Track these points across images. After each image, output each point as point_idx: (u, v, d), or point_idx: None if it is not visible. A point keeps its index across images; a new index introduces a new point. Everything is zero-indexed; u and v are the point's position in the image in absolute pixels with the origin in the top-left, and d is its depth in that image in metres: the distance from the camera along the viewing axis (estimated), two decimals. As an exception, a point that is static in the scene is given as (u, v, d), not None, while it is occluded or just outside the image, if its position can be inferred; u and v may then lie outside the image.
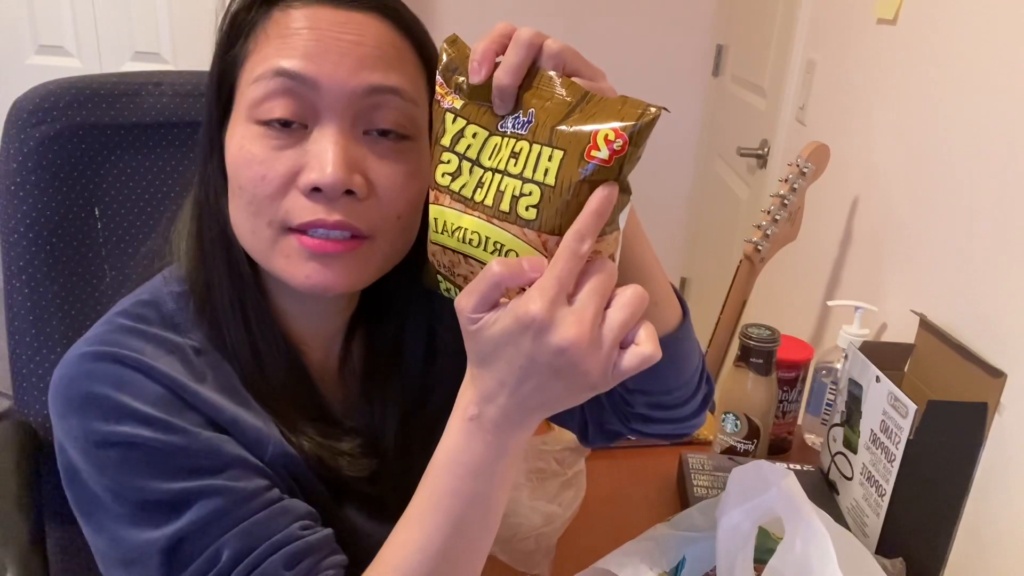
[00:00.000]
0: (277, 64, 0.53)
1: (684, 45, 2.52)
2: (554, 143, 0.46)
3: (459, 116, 0.49)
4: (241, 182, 0.54)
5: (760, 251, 1.22)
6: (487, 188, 0.48)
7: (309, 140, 0.54)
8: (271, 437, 0.58)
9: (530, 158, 0.47)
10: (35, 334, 0.82)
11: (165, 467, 0.52)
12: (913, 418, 0.75)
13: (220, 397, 0.56)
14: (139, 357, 0.54)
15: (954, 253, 0.91)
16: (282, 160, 0.53)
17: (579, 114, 0.47)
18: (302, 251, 0.54)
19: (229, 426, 0.56)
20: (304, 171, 0.53)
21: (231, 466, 0.54)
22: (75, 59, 2.03)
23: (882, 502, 0.79)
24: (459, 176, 0.49)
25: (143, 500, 0.52)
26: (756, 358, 0.93)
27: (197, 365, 0.57)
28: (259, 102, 0.53)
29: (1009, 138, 0.82)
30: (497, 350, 0.46)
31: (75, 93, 0.83)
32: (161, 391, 0.54)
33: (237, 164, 0.54)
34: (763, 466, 0.68)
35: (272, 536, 0.53)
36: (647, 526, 0.77)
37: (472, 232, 0.48)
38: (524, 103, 0.48)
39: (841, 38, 1.39)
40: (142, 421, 0.52)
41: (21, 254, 0.82)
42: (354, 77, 0.53)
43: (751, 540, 0.63)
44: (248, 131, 0.54)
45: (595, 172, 0.45)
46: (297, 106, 0.53)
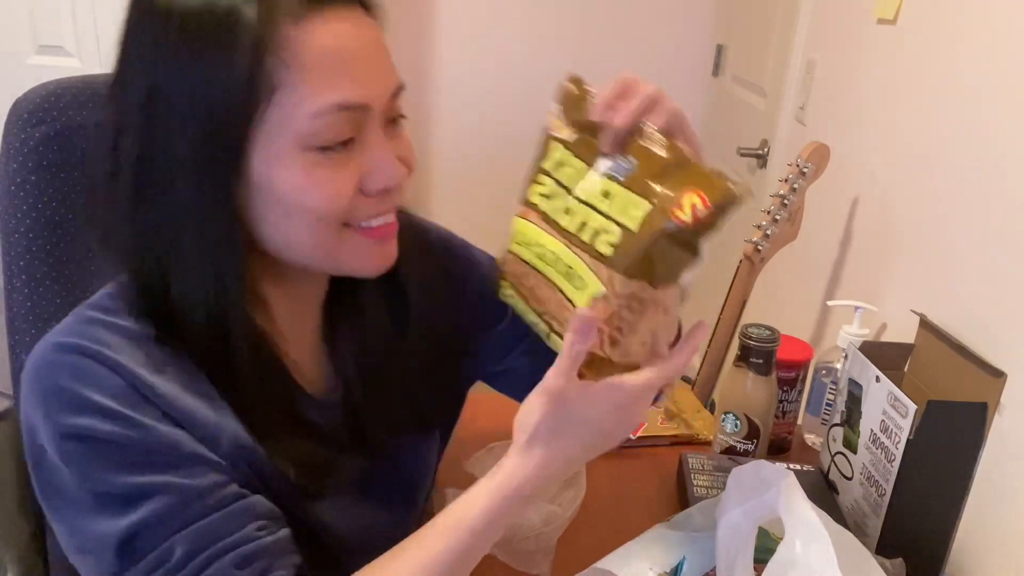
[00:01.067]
0: (334, 100, 0.54)
1: (684, 45, 2.52)
2: (646, 195, 0.51)
3: (565, 147, 0.54)
4: (310, 204, 0.56)
5: (760, 251, 1.22)
6: (573, 216, 0.53)
7: (363, 147, 0.57)
8: (226, 430, 0.58)
9: (620, 202, 0.52)
10: (35, 334, 0.82)
11: (122, 461, 0.54)
12: (913, 418, 0.75)
13: (177, 389, 0.57)
14: (101, 349, 0.55)
15: (954, 253, 0.91)
16: (348, 175, 0.57)
17: (675, 175, 0.51)
18: (369, 243, 0.60)
19: (183, 420, 0.56)
20: (370, 177, 0.58)
21: (186, 462, 0.55)
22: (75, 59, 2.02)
23: (882, 502, 0.79)
24: (550, 199, 0.54)
25: (101, 492, 0.53)
26: (756, 358, 0.93)
27: (158, 355, 0.57)
28: (320, 134, 0.55)
29: (1009, 138, 0.82)
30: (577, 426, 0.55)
31: (75, 93, 0.83)
32: (121, 384, 0.55)
33: (303, 190, 0.55)
34: (763, 466, 0.68)
35: (226, 537, 0.55)
36: (647, 526, 0.77)
37: (550, 251, 0.54)
38: (626, 150, 0.53)
39: (841, 38, 1.39)
40: (102, 414, 0.53)
41: (21, 254, 0.82)
42: (386, 88, 0.58)
43: (751, 540, 0.63)
44: (307, 159, 0.55)
45: (675, 231, 0.50)
46: (353, 127, 0.56)
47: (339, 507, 0.67)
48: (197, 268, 0.57)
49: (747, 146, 1.84)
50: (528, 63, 2.53)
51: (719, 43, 2.44)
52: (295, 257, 0.60)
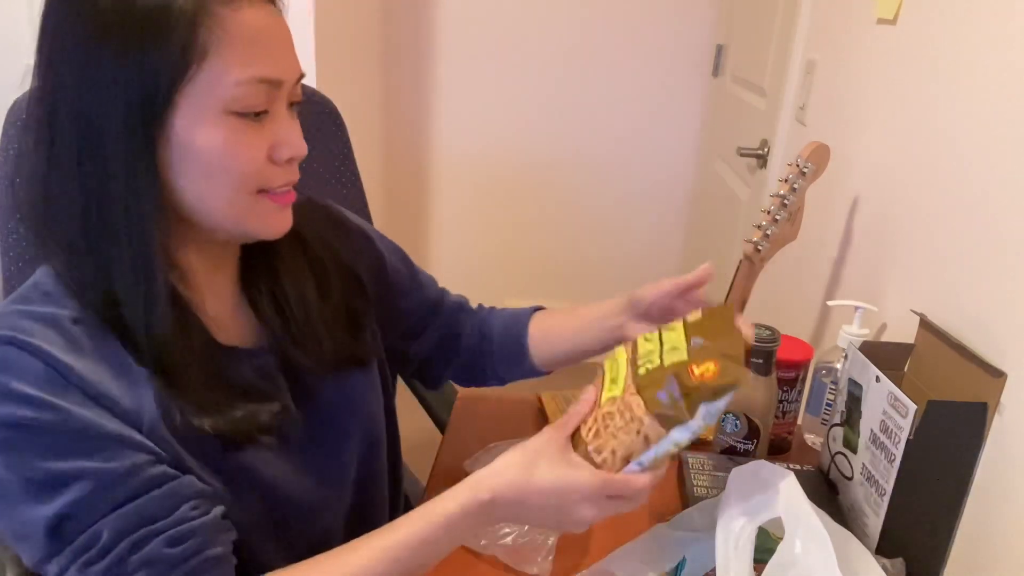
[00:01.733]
0: (259, 73, 0.62)
1: (684, 45, 2.52)
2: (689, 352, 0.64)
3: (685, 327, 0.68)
4: (228, 165, 0.62)
5: (760, 251, 1.22)
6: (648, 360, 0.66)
7: (273, 121, 0.64)
8: (147, 407, 0.60)
9: (674, 347, 0.65)
10: (35, 334, 0.82)
11: (46, 446, 0.55)
12: (913, 418, 0.75)
13: (98, 369, 0.59)
14: (19, 336, 0.57)
15: (954, 253, 0.91)
16: (260, 142, 0.64)
17: (715, 347, 0.63)
18: (275, 207, 0.67)
19: (104, 401, 0.58)
20: (280, 147, 0.65)
21: (108, 446, 0.57)
22: (75, 59, 2.03)
23: (882, 502, 0.79)
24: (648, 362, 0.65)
25: (28, 478, 0.55)
26: (756, 358, 0.93)
27: (74, 335, 0.60)
28: (241, 100, 0.61)
29: (1009, 138, 0.82)
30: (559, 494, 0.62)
31: (75, 93, 0.82)
32: (41, 368, 0.57)
33: (223, 151, 0.62)
34: (763, 466, 0.68)
35: (156, 519, 0.57)
36: (647, 526, 0.77)
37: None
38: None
39: (841, 38, 1.39)
40: (24, 401, 0.55)
41: (21, 254, 0.82)
42: (294, 72, 0.66)
43: (751, 540, 0.63)
44: (228, 123, 0.61)
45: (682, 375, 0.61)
46: (268, 99, 0.64)
47: (280, 460, 0.69)
48: (123, 226, 0.60)
49: (747, 146, 1.84)
50: (528, 64, 2.53)
51: (719, 43, 2.44)
52: (207, 219, 0.65)
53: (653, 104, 2.58)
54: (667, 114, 2.60)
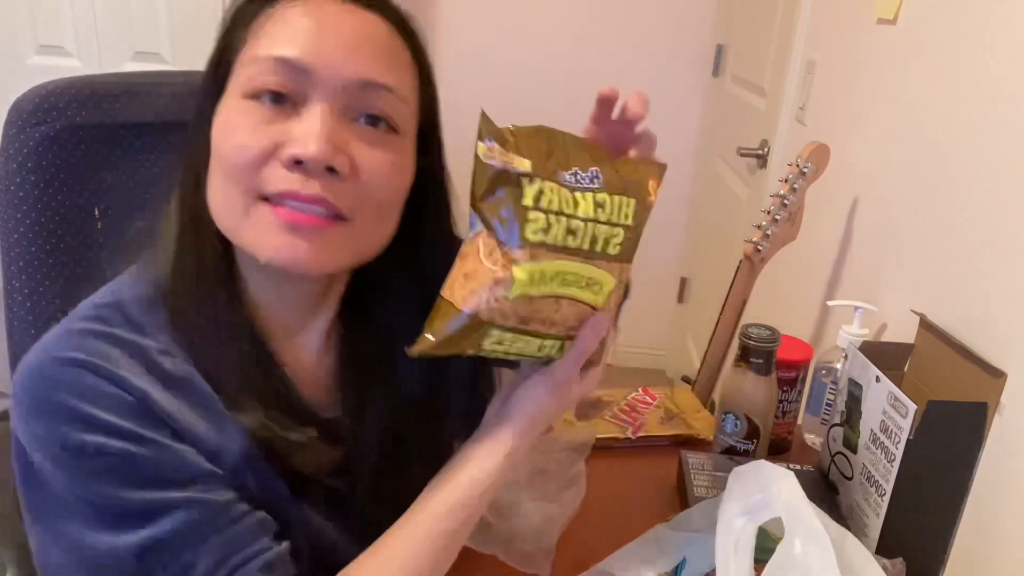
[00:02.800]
0: (275, 51, 0.54)
1: (684, 45, 2.52)
2: (625, 192, 0.58)
3: (532, 177, 0.54)
4: (222, 151, 0.55)
5: (760, 251, 1.22)
6: (580, 235, 0.56)
7: (297, 118, 0.55)
8: (228, 444, 0.57)
9: (615, 206, 0.58)
10: (35, 334, 0.82)
11: (137, 477, 0.53)
12: (913, 418, 0.75)
13: (181, 404, 0.56)
14: (104, 364, 0.53)
15: (954, 253, 0.91)
16: (267, 132, 0.54)
17: (624, 170, 0.59)
18: (274, 222, 0.54)
19: (187, 435, 0.55)
20: (287, 144, 0.54)
21: (201, 478, 0.55)
22: (75, 59, 2.02)
23: (882, 502, 0.79)
24: (549, 230, 0.55)
25: (114, 507, 0.52)
26: (756, 358, 0.93)
27: (161, 368, 0.56)
28: (252, 79, 0.55)
29: (1009, 138, 0.82)
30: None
31: (75, 93, 0.83)
32: (128, 400, 0.53)
33: (221, 134, 0.56)
34: (763, 466, 0.68)
35: (246, 547, 0.55)
36: (647, 526, 0.77)
37: (571, 273, 0.56)
38: (574, 161, 0.57)
39: (841, 38, 1.39)
40: (111, 432, 0.52)
41: (21, 254, 0.82)
42: (349, 65, 0.55)
43: (751, 540, 0.63)
44: (237, 104, 0.55)
45: (649, 209, 0.60)
46: (290, 85, 0.55)
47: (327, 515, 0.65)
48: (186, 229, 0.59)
49: (747, 146, 1.84)
50: (529, 63, 2.53)
51: (719, 43, 2.44)
52: (220, 225, 0.58)
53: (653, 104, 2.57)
54: (667, 114, 2.60)
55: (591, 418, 1.07)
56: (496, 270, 0.54)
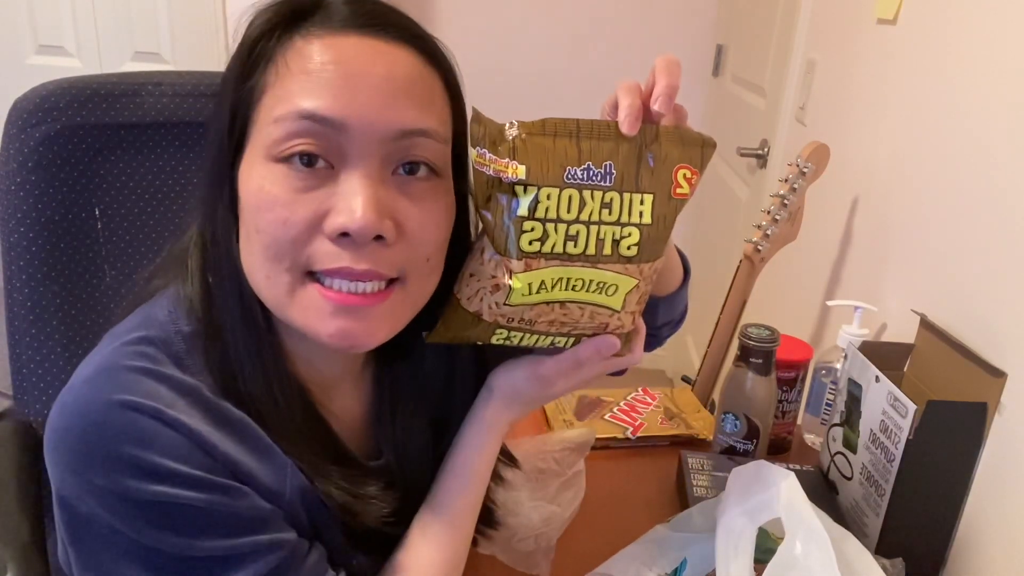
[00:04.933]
0: (300, 105, 0.49)
1: (684, 45, 2.52)
2: (641, 189, 0.53)
3: (527, 185, 0.51)
4: (260, 225, 0.50)
5: (760, 251, 1.22)
6: (582, 240, 0.53)
7: (336, 182, 0.50)
8: (287, 483, 0.55)
9: (623, 206, 0.53)
10: (35, 334, 0.82)
11: (209, 525, 0.50)
12: (913, 418, 0.75)
13: (235, 445, 0.53)
14: (158, 407, 0.49)
15: (954, 253, 0.91)
16: (306, 202, 0.49)
17: (648, 156, 0.53)
18: (325, 306, 0.51)
19: (245, 478, 0.53)
20: (332, 215, 0.49)
21: (272, 519, 0.54)
22: (75, 59, 2.03)
23: (882, 502, 0.79)
24: (546, 239, 0.52)
25: (189, 556, 0.50)
26: (756, 358, 0.93)
27: (213, 409, 0.53)
28: (280, 142, 0.50)
29: (1009, 138, 0.82)
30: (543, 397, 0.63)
31: (75, 93, 0.83)
32: (186, 444, 0.50)
33: (255, 207, 0.50)
34: (763, 466, 0.68)
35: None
36: (647, 526, 0.77)
37: (576, 279, 0.54)
38: (587, 156, 0.52)
39: (841, 38, 1.39)
40: (176, 481, 0.49)
41: (21, 254, 0.82)
42: (384, 117, 0.50)
43: (751, 540, 0.63)
44: (268, 171, 0.50)
45: (682, 204, 0.55)
46: (323, 145, 0.50)
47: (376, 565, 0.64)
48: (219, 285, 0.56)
49: (747, 146, 1.84)
50: (529, 63, 2.53)
51: (719, 43, 2.44)
52: (262, 298, 0.54)
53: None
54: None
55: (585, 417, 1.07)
56: (496, 276, 0.53)
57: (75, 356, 0.84)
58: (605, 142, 0.53)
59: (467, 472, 0.64)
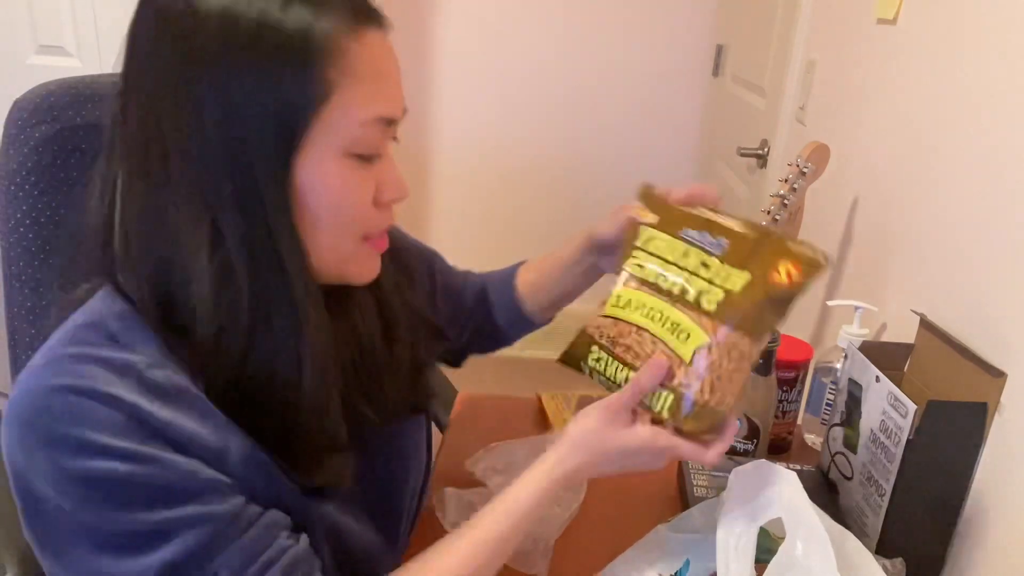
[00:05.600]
0: (386, 112, 0.59)
1: (684, 45, 2.52)
2: (744, 266, 0.63)
3: (651, 227, 0.69)
4: (339, 210, 0.59)
5: (760, 251, 1.22)
6: (671, 277, 0.65)
7: (378, 161, 0.61)
8: (232, 447, 0.57)
9: (720, 272, 0.64)
10: (35, 334, 0.82)
11: (144, 498, 0.52)
12: (913, 418, 0.75)
13: (177, 413, 0.55)
14: (93, 386, 0.52)
15: (954, 253, 0.91)
16: (369, 184, 0.61)
17: (764, 250, 0.63)
18: (373, 254, 0.64)
19: (187, 445, 0.55)
20: (386, 191, 0.62)
21: (207, 490, 0.54)
22: (75, 59, 2.03)
23: (882, 502, 0.79)
24: (644, 266, 0.67)
25: (126, 531, 0.52)
26: (756, 358, 0.93)
27: (153, 381, 0.55)
28: (361, 141, 0.58)
29: (1009, 138, 0.82)
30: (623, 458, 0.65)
31: (75, 93, 0.83)
32: (122, 419, 0.53)
33: (339, 195, 0.58)
34: (763, 466, 0.68)
35: (263, 552, 0.55)
36: (647, 526, 0.77)
37: (656, 310, 0.64)
38: (711, 231, 0.66)
39: (841, 38, 1.39)
40: (112, 455, 0.52)
41: (21, 254, 0.82)
42: (403, 107, 0.62)
43: (752, 540, 0.63)
44: (344, 165, 0.58)
45: (774, 291, 0.62)
46: (384, 139, 0.61)
47: (342, 510, 0.66)
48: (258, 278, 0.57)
49: (747, 146, 1.84)
50: (528, 63, 2.53)
51: (719, 43, 2.44)
52: (319, 266, 0.60)
53: (653, 104, 2.59)
54: (667, 114, 2.60)
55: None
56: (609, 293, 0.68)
57: (75, 356, 0.84)
58: (726, 229, 0.66)
59: (508, 502, 0.65)
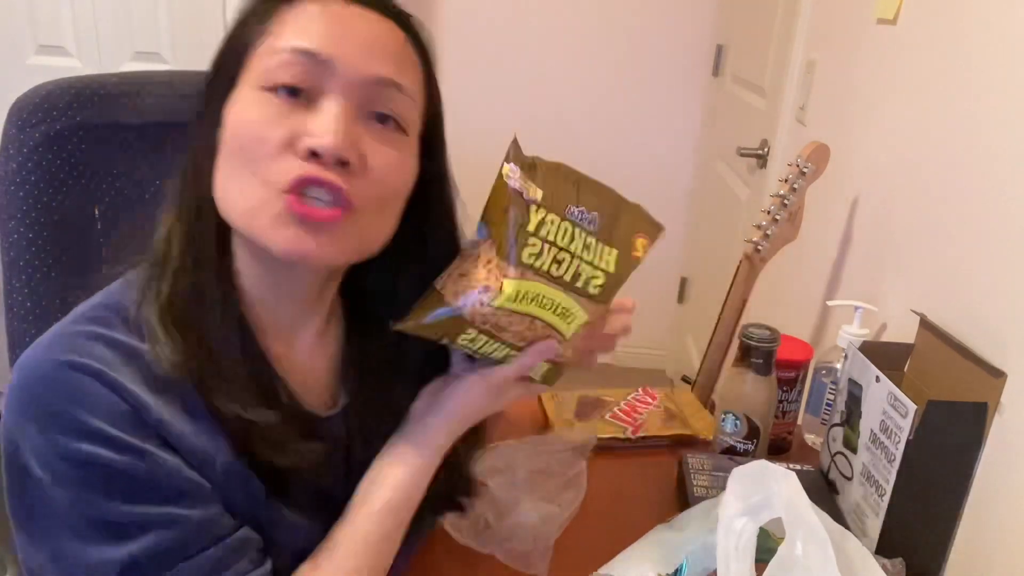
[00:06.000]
0: (295, 43, 0.55)
1: (684, 45, 2.52)
2: (613, 243, 0.64)
3: (540, 207, 0.60)
4: (240, 143, 0.55)
5: (760, 251, 1.22)
6: (565, 266, 0.62)
7: (313, 111, 0.55)
8: (220, 452, 0.57)
9: (598, 251, 0.63)
10: (35, 333, 0.82)
11: (125, 489, 0.52)
12: (913, 418, 0.75)
13: (173, 409, 0.55)
14: (100, 368, 0.53)
15: (954, 253, 0.91)
16: (283, 124, 0.55)
17: (621, 221, 0.65)
18: (289, 215, 0.55)
19: (178, 444, 0.55)
20: (304, 136, 0.55)
21: (188, 493, 0.55)
22: (75, 59, 2.03)
23: (882, 502, 0.79)
24: (540, 256, 0.60)
25: (101, 519, 0.52)
26: (756, 358, 0.93)
27: (153, 371, 0.55)
28: (269, 71, 0.55)
29: (1009, 138, 0.82)
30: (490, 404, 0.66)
31: (75, 93, 0.83)
32: (121, 407, 0.53)
33: (236, 126, 0.56)
34: (763, 466, 0.68)
35: (225, 568, 0.55)
36: (647, 526, 0.77)
37: (548, 299, 0.61)
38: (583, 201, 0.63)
39: (841, 38, 1.39)
40: (103, 441, 0.52)
41: (21, 254, 0.82)
42: (367, 64, 0.57)
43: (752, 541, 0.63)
44: (254, 96, 0.56)
45: (635, 265, 0.65)
46: (307, 80, 0.55)
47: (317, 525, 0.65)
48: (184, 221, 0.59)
49: (747, 146, 1.84)
50: (528, 63, 2.53)
51: (719, 43, 2.44)
52: (228, 216, 0.57)
53: (653, 104, 2.58)
54: (667, 114, 2.60)
55: (591, 418, 1.07)
56: (488, 279, 0.59)
57: (75, 356, 0.84)
58: (593, 196, 0.63)
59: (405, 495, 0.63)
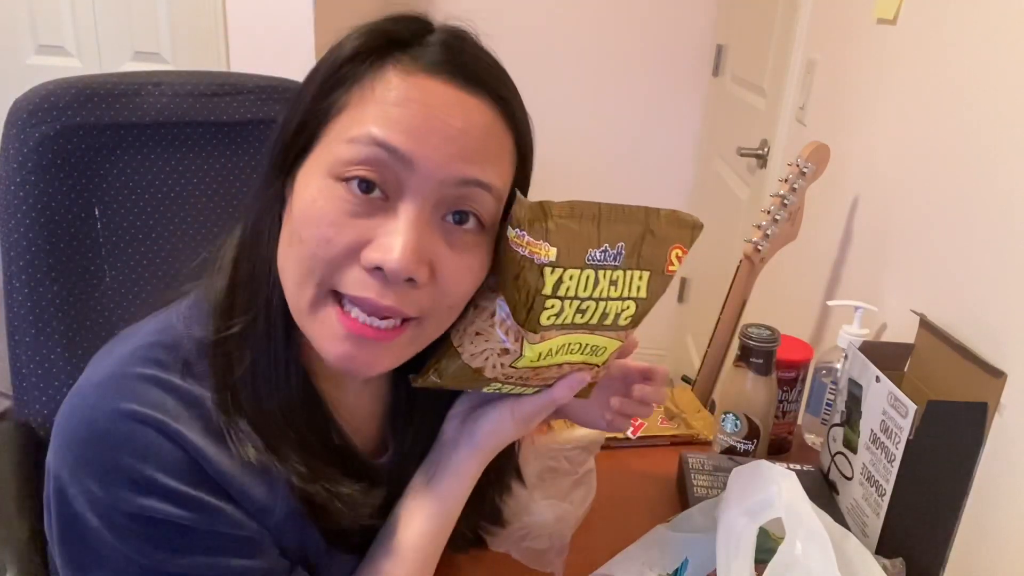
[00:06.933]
0: (376, 133, 0.50)
1: (684, 45, 2.52)
2: (642, 266, 0.59)
3: (556, 267, 0.55)
4: (303, 236, 0.51)
5: (760, 251, 1.22)
6: (590, 313, 0.58)
7: (385, 215, 0.51)
8: (278, 501, 0.56)
9: (626, 282, 0.58)
10: (35, 334, 0.82)
11: (185, 542, 0.51)
12: (913, 418, 0.75)
13: (230, 460, 0.54)
14: (161, 418, 0.51)
15: (954, 253, 0.91)
16: (352, 228, 0.51)
17: (651, 240, 0.58)
18: (340, 329, 0.52)
19: (239, 496, 0.54)
20: (371, 247, 0.50)
21: (246, 544, 0.54)
22: (75, 59, 2.03)
23: (882, 502, 0.79)
24: (560, 314, 0.56)
25: (160, 571, 0.51)
26: (756, 358, 0.93)
27: (215, 421, 0.54)
28: (346, 162, 0.51)
29: (1009, 138, 0.82)
30: None
31: (75, 93, 0.83)
32: (184, 460, 0.51)
33: (305, 217, 0.51)
34: (763, 466, 0.68)
35: None
36: (647, 526, 0.77)
37: (576, 343, 0.59)
38: (606, 236, 0.57)
39: (841, 38, 1.39)
40: (164, 495, 0.50)
41: (21, 254, 0.82)
42: (451, 165, 0.51)
43: (751, 541, 0.63)
44: (325, 185, 0.51)
45: (670, 280, 0.61)
46: (384, 176, 0.51)
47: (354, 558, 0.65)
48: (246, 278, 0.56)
49: (747, 146, 1.84)
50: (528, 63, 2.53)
51: (719, 43, 2.44)
52: (287, 296, 0.55)
53: (653, 103, 2.58)
54: (667, 114, 2.60)
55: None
56: (507, 342, 0.56)
57: (75, 356, 0.84)
58: (619, 224, 0.57)
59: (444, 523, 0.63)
